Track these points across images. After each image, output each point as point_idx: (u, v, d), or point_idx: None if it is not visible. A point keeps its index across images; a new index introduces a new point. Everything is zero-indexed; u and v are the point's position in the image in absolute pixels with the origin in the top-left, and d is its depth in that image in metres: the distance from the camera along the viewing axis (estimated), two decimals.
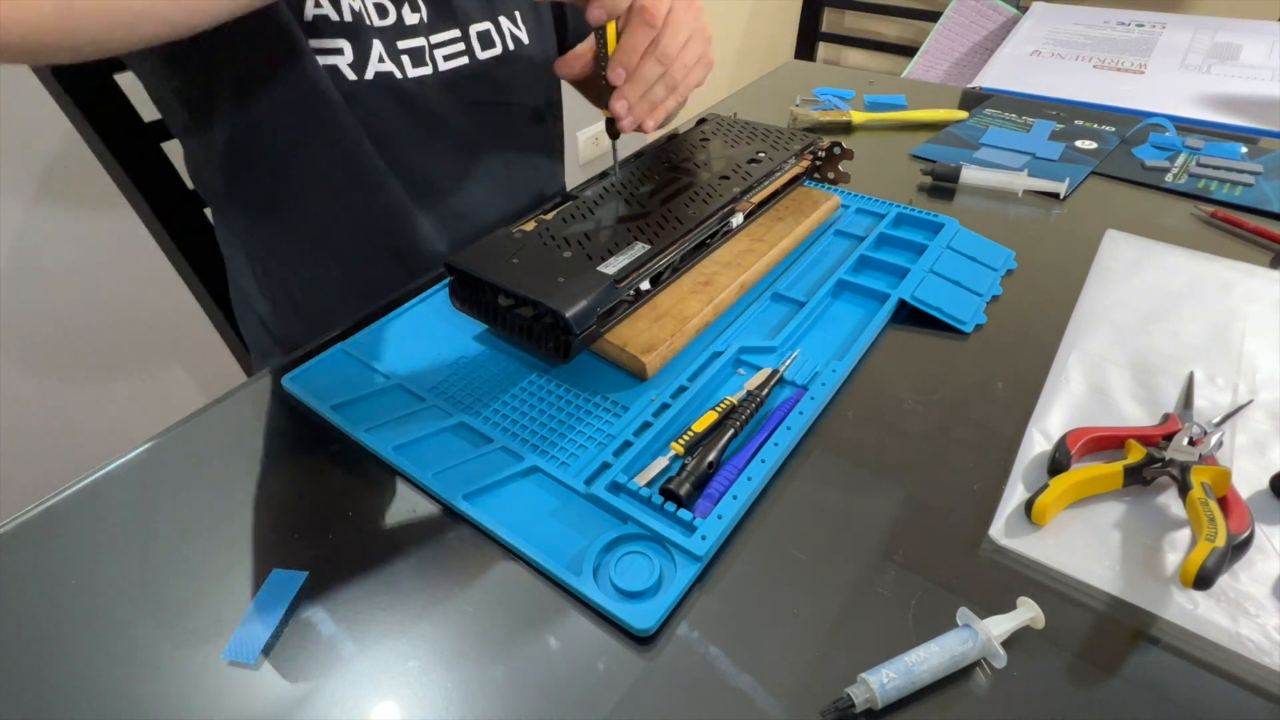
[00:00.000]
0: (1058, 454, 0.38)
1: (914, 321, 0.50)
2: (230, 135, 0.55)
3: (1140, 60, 0.99)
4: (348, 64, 0.54)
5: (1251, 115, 0.83)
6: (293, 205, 0.59)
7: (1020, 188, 0.66)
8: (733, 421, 0.40)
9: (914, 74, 1.14)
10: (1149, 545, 0.35)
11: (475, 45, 0.61)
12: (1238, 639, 0.31)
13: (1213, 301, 0.51)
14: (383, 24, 0.55)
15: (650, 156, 0.58)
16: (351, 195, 0.59)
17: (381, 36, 0.55)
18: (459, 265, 0.45)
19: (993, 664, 0.30)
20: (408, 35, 0.57)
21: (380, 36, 0.55)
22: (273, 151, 0.56)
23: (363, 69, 0.55)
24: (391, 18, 0.56)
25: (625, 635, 0.32)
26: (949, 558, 0.35)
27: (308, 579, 0.34)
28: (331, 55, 0.53)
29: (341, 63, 0.54)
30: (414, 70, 0.57)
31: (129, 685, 0.31)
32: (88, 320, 1.06)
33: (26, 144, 0.92)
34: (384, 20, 0.55)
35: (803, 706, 0.29)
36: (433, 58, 0.58)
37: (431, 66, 0.58)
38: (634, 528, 0.35)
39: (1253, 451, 0.39)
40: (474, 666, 0.31)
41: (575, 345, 0.42)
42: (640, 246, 0.46)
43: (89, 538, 0.37)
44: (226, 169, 0.57)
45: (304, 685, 0.31)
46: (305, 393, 0.44)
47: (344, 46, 0.54)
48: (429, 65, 0.58)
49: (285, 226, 0.61)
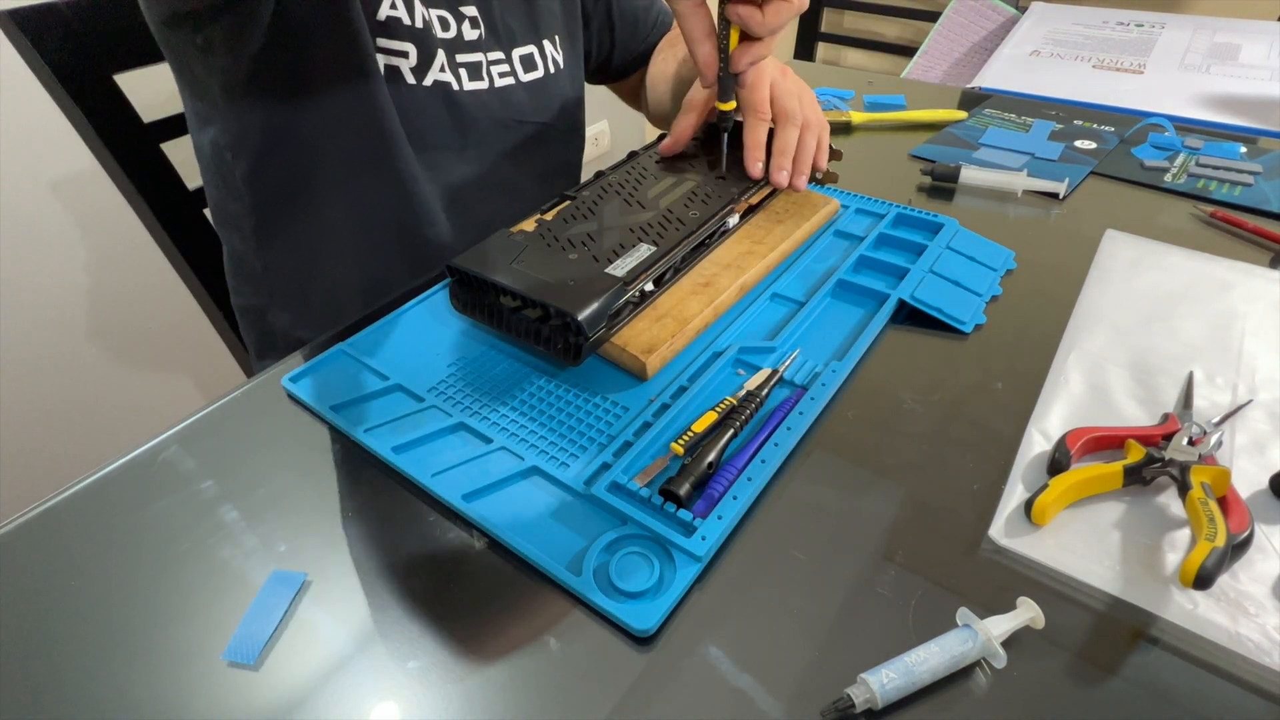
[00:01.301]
0: (1057, 454, 0.38)
1: (914, 322, 0.50)
2: (267, 119, 0.55)
3: (1139, 60, 0.99)
4: (410, 68, 0.57)
5: (1251, 115, 0.83)
6: (317, 196, 0.60)
7: (1020, 188, 0.67)
8: (732, 422, 0.40)
9: (913, 74, 1.14)
10: (1149, 545, 0.35)
11: (519, 68, 0.65)
12: (1237, 639, 0.31)
13: (1212, 301, 0.51)
14: (445, 36, 0.58)
15: (645, 157, 0.58)
16: (379, 192, 0.60)
17: (445, 48, 0.58)
18: (462, 267, 0.45)
19: (993, 664, 0.30)
20: (465, 50, 0.60)
21: (444, 47, 0.58)
22: (309, 139, 0.57)
23: (423, 74, 0.58)
24: (453, 31, 0.59)
25: (625, 635, 0.32)
26: (949, 558, 0.35)
27: (307, 579, 0.34)
28: (396, 57, 0.56)
29: (405, 65, 0.57)
30: (470, 84, 0.61)
31: (128, 686, 0.31)
32: (88, 321, 1.06)
33: (26, 144, 0.92)
34: (446, 33, 0.59)
35: (803, 706, 0.29)
36: (489, 74, 0.62)
37: (488, 82, 0.62)
38: (634, 528, 0.35)
39: (1252, 451, 0.39)
40: (474, 667, 0.31)
41: (586, 348, 0.42)
42: (645, 248, 0.46)
43: (89, 538, 0.37)
44: (255, 155, 0.57)
45: (303, 686, 0.31)
46: (305, 393, 0.44)
47: (410, 50, 0.56)
48: (485, 80, 0.62)
49: (305, 218, 0.61)
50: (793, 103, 0.53)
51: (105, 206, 0.98)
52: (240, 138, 0.56)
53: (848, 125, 0.82)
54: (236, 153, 0.57)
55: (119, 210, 0.71)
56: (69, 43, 0.58)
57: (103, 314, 1.07)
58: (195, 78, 0.56)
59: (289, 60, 0.53)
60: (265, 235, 0.62)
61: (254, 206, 0.60)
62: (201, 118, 0.58)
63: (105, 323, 1.08)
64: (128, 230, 1.02)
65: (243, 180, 0.59)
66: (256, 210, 0.60)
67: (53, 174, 0.95)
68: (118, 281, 1.07)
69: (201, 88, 0.56)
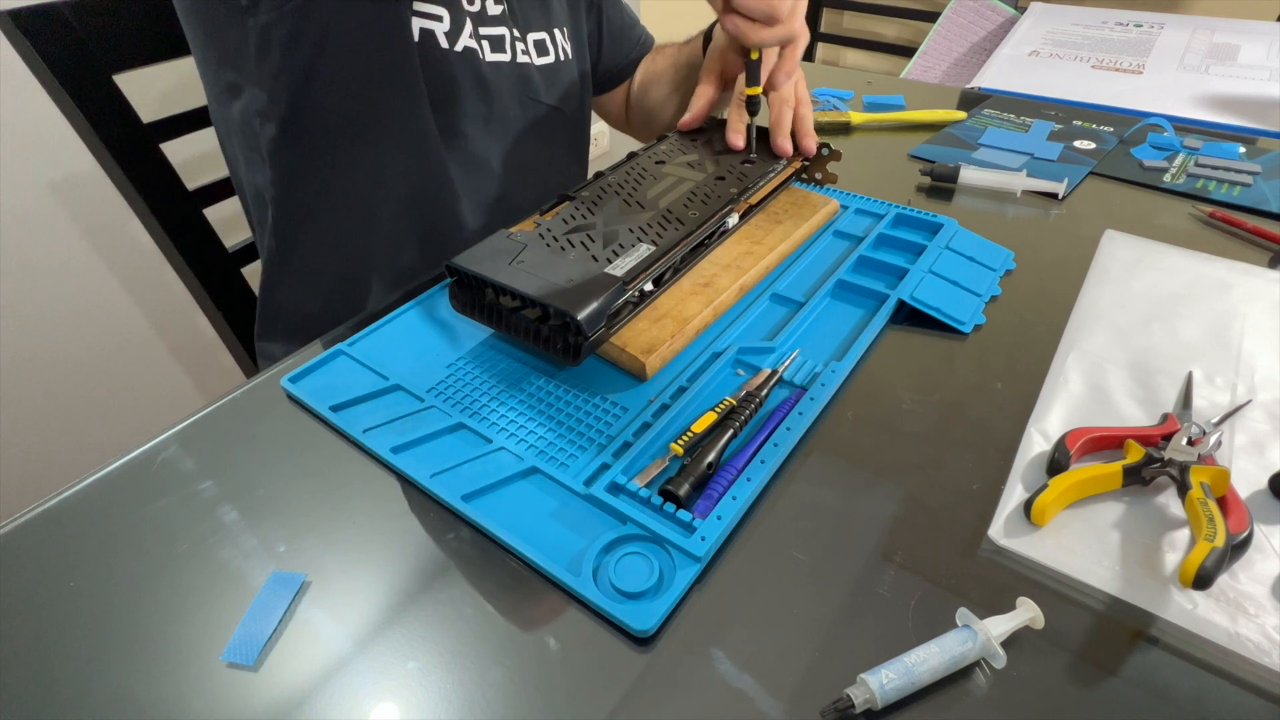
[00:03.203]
0: (1057, 454, 0.38)
1: (913, 322, 0.50)
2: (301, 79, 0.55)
3: (1138, 60, 0.99)
4: (444, 32, 0.59)
5: (1249, 115, 0.83)
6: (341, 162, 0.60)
7: (1019, 188, 0.67)
8: (732, 422, 0.40)
9: (912, 74, 1.14)
10: (1148, 545, 0.35)
11: (533, 51, 0.67)
12: (1237, 639, 0.31)
13: (1211, 301, 0.51)
14: (471, 9, 0.61)
15: (645, 157, 0.58)
16: (403, 161, 0.61)
17: (472, 19, 0.61)
18: (462, 267, 0.45)
19: (992, 664, 0.30)
20: (489, 23, 0.63)
21: (471, 18, 0.60)
22: (340, 99, 0.57)
23: (455, 40, 0.60)
24: (477, 5, 0.61)
25: (625, 636, 0.32)
26: (948, 558, 0.35)
27: (306, 580, 0.34)
28: (431, 20, 0.58)
29: (439, 29, 0.59)
30: (493, 55, 0.63)
31: (127, 686, 0.31)
32: (87, 321, 1.06)
33: (26, 144, 0.92)
34: (471, 6, 0.61)
35: (802, 706, 0.29)
36: (512, 48, 0.65)
37: (510, 55, 0.65)
38: (633, 528, 0.35)
39: (1251, 451, 0.40)
40: (473, 667, 0.31)
41: (586, 348, 0.42)
42: (645, 248, 0.46)
43: (89, 538, 0.37)
44: (285, 118, 0.57)
45: (303, 687, 0.31)
46: (304, 394, 0.44)
47: (444, 15, 0.59)
48: (507, 54, 0.64)
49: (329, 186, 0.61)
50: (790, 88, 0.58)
51: (105, 206, 0.98)
52: (271, 101, 0.56)
53: (847, 125, 0.82)
54: (266, 117, 0.57)
55: (119, 210, 0.71)
56: (69, 43, 0.58)
57: (102, 314, 1.07)
58: (229, 42, 0.55)
59: (328, 16, 0.53)
60: (288, 207, 0.62)
61: (278, 177, 0.61)
62: (231, 89, 0.58)
63: (105, 323, 1.07)
64: (127, 230, 1.02)
65: (268, 148, 0.59)
66: (280, 181, 0.61)
67: (53, 174, 0.95)
68: (117, 281, 1.07)
69: (235, 51, 0.55)
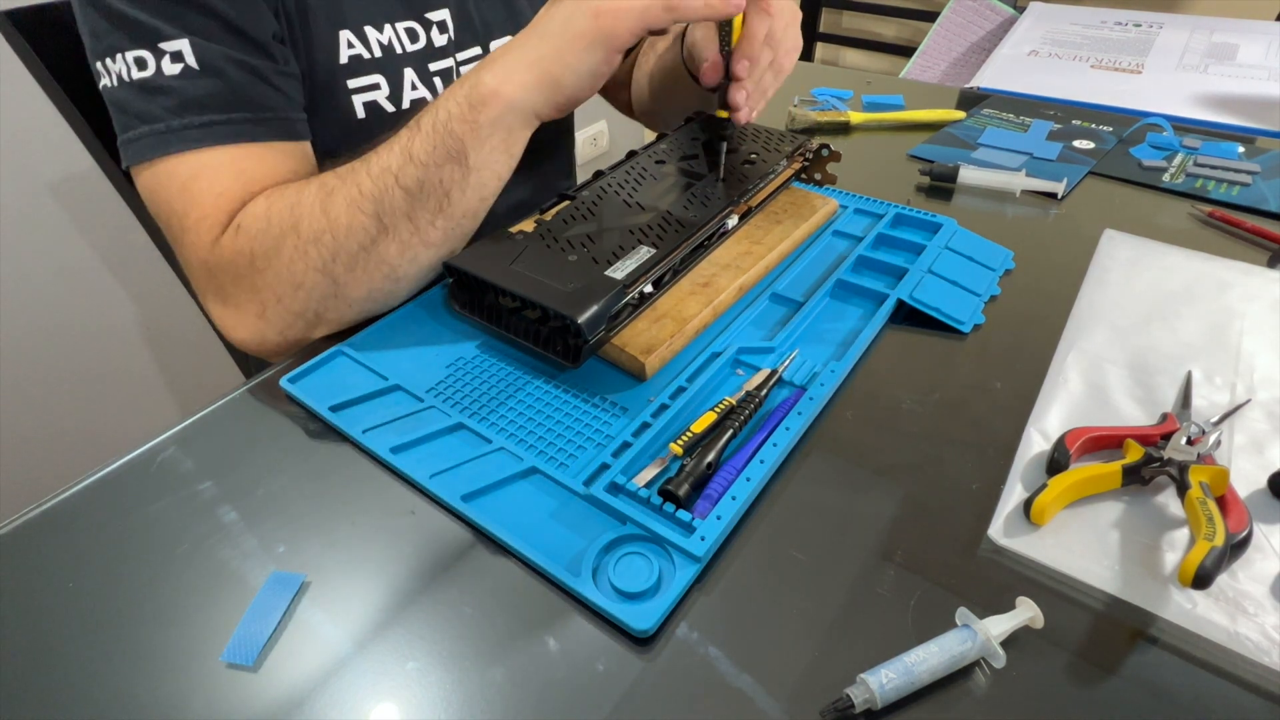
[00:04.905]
0: (1056, 454, 0.38)
1: (912, 322, 0.50)
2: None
3: (1137, 60, 0.99)
4: (385, 97, 0.57)
5: (1248, 115, 0.83)
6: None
7: (1018, 188, 0.67)
8: (731, 422, 0.40)
9: (912, 74, 1.14)
10: (1147, 545, 0.35)
11: None
12: (1236, 638, 0.31)
13: (1210, 301, 0.51)
14: (414, 49, 0.58)
15: (645, 157, 0.58)
16: None
17: (412, 63, 0.58)
18: (461, 267, 0.45)
19: (992, 664, 0.30)
20: (436, 58, 0.60)
21: (411, 64, 0.58)
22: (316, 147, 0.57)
23: (399, 99, 0.58)
24: (422, 42, 0.59)
25: (624, 636, 0.32)
26: (948, 558, 0.35)
27: (306, 580, 0.34)
28: (370, 91, 0.57)
29: (380, 97, 0.57)
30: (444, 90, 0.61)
31: (127, 687, 0.31)
32: (87, 321, 1.06)
33: (26, 145, 0.92)
34: (415, 45, 0.58)
35: (802, 706, 0.29)
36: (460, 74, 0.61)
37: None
38: (633, 528, 0.35)
39: (1251, 451, 0.40)
40: (473, 668, 0.31)
41: (586, 351, 0.42)
42: (645, 250, 0.46)
43: (88, 539, 0.37)
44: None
45: (302, 687, 0.31)
46: (304, 394, 0.44)
47: (380, 81, 0.57)
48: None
49: None
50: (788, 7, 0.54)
51: (105, 206, 0.98)
52: None
53: (846, 125, 0.82)
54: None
55: (119, 210, 0.71)
56: (68, 43, 0.58)
57: (102, 314, 1.07)
58: None
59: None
60: None
61: None
62: None
63: (105, 323, 1.08)
64: (127, 230, 1.02)
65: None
66: None
67: (52, 175, 0.95)
68: (117, 281, 1.07)
69: None
